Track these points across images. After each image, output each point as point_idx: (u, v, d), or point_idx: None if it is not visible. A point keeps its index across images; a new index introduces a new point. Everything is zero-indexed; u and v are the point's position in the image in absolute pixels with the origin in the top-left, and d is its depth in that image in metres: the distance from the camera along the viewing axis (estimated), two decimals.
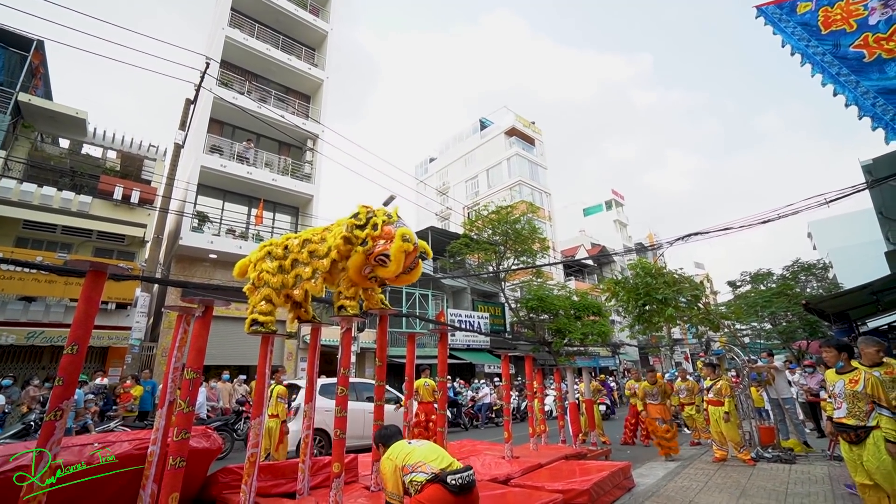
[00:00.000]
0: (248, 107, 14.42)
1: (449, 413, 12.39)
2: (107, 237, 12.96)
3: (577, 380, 10.51)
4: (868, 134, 4.52)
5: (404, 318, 18.64)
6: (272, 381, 7.95)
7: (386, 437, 2.89)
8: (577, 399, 8.70)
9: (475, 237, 20.91)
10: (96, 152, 14.64)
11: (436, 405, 6.60)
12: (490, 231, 20.56)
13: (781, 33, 5.00)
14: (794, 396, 7.92)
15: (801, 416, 8.16)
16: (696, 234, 8.20)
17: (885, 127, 4.46)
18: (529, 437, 6.67)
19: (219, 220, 14.39)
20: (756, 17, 5.21)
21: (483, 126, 35.96)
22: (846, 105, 4.62)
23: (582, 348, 22.35)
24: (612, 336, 26.96)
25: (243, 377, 11.44)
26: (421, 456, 2.61)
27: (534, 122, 35.13)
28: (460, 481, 2.42)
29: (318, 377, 6.45)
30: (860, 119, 4.67)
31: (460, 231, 22.70)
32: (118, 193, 12.48)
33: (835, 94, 4.78)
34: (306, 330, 14.45)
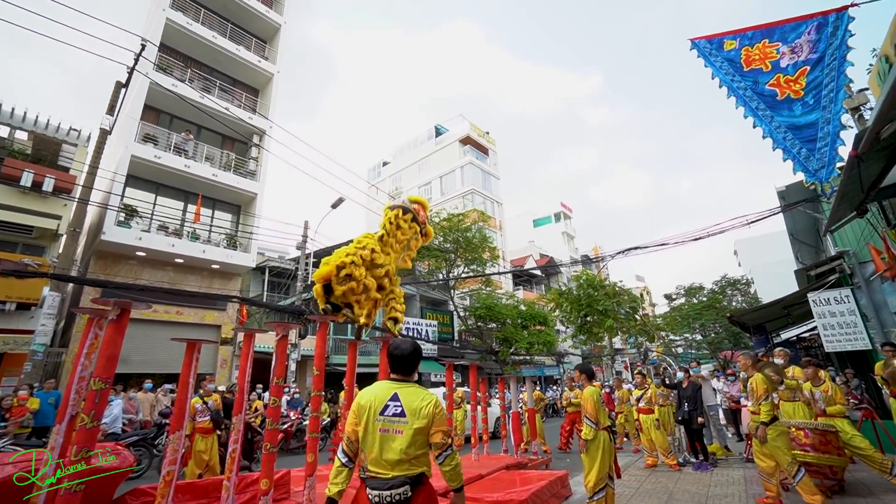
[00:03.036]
0: (188, 96, 13.57)
1: None
2: (10, 228, 11.60)
3: (521, 388, 10.73)
4: (782, 163, 5.06)
5: (349, 325, 18.23)
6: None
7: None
8: (521, 408, 8.88)
9: (426, 244, 20.99)
10: (2, 131, 13.12)
11: None
12: (441, 238, 20.64)
13: (711, 66, 5.49)
14: (719, 403, 8.57)
15: (724, 422, 8.84)
16: (636, 248, 8.74)
17: (793, 159, 5.01)
18: (472, 448, 6.69)
19: (150, 215, 13.37)
20: (690, 49, 5.68)
21: (438, 133, 36.29)
22: (763, 137, 5.14)
23: (528, 357, 22.92)
24: (557, 345, 27.94)
25: (169, 387, 10.61)
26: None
27: (488, 133, 35.94)
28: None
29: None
30: (774, 150, 5.22)
31: None
32: (26, 179, 11.24)
33: (754, 126, 5.31)
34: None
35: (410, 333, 19.76)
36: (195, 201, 14.14)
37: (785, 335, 12.86)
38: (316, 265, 20.93)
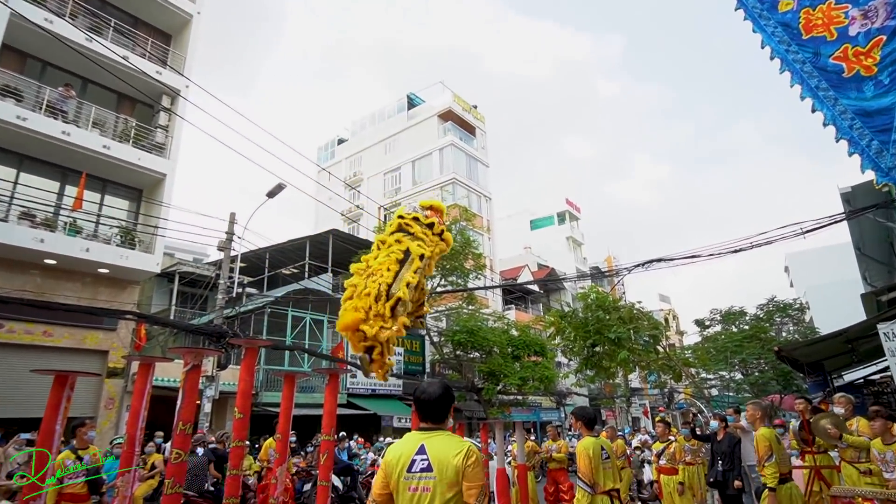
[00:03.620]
0: (69, 37, 13.10)
1: (339, 482, 12.00)
2: None
3: (509, 438, 10.69)
4: (847, 157, 5.22)
5: (287, 353, 17.99)
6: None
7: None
8: (509, 463, 8.85)
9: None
10: None
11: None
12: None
13: (761, 32, 5.64)
14: None
15: None
16: (659, 260, 8.89)
17: (861, 153, 5.18)
18: None
19: (8, 199, 12.81)
20: (735, 10, 5.82)
21: (412, 104, 36.38)
22: (824, 124, 5.29)
23: (520, 397, 23.04)
24: (558, 383, 28.23)
25: (27, 437, 10.00)
26: None
27: (475, 107, 36.27)
28: None
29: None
30: (837, 141, 5.38)
31: (373, 238, 22.47)
32: None
33: (813, 111, 5.46)
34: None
35: None
36: (77, 182, 13.60)
37: (848, 377, 13.27)
38: (246, 271, 20.56)
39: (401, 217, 4.67)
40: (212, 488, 9.50)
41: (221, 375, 14.57)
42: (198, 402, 14.15)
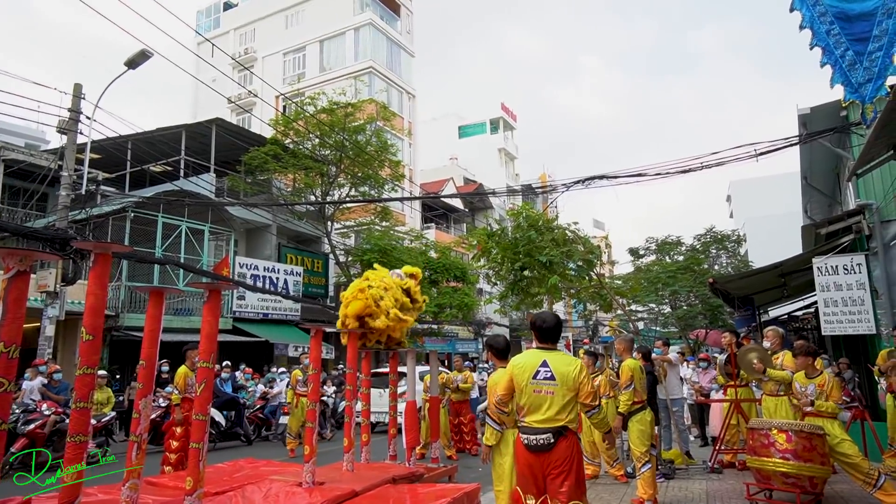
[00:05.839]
0: None
1: (220, 417, 11.99)
2: None
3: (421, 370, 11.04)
4: (816, 75, 5.39)
5: (157, 269, 17.18)
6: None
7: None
8: (420, 397, 9.16)
9: (291, 145, 20.19)
10: None
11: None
12: (317, 139, 19.88)
13: None
14: (685, 397, 9.63)
15: (688, 422, 10.00)
16: (601, 177, 9.11)
17: (834, 64, 5.35)
18: (343, 453, 6.78)
19: None
20: None
21: None
22: (801, 27, 5.38)
23: (435, 326, 23.72)
24: (477, 311, 29.32)
25: None
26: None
27: None
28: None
29: None
30: (811, 48, 5.52)
31: (268, 133, 21.54)
32: None
33: (791, 10, 5.54)
34: None
35: (260, 282, 19.26)
36: None
37: (774, 312, 14.76)
38: (100, 164, 18.85)
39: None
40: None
41: (69, 292, 13.93)
42: (37, 324, 13.38)
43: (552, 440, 3.69)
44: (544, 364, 3.79)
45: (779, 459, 5.82)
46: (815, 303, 10.08)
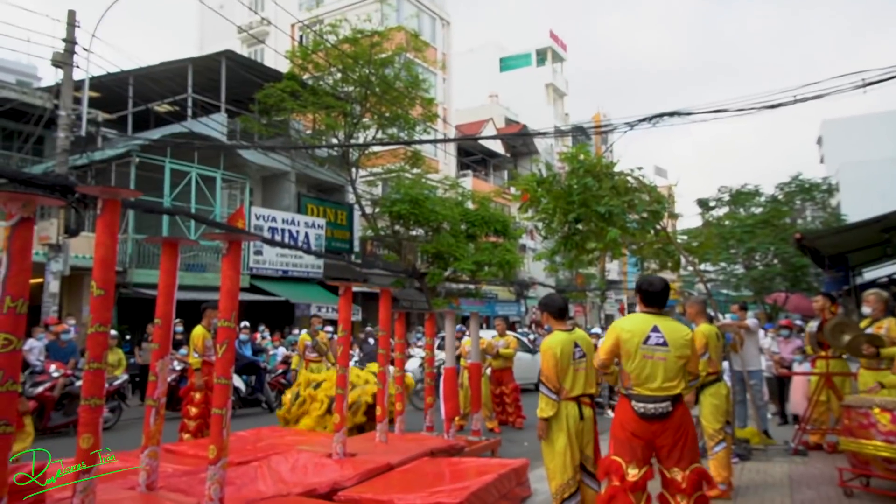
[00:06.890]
0: None
1: (240, 382, 12.11)
2: None
3: (464, 333, 10.88)
4: None
5: (166, 220, 17.31)
6: None
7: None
8: (459, 364, 9.03)
9: (310, 81, 20.09)
10: None
11: None
12: (339, 73, 19.65)
13: None
14: (763, 369, 9.29)
15: (766, 397, 9.69)
16: (673, 113, 8.61)
17: None
18: (377, 423, 6.77)
19: None
20: None
21: None
22: None
23: (472, 286, 23.60)
24: (521, 270, 29.04)
25: None
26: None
27: None
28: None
29: None
30: None
31: (283, 67, 21.29)
32: None
33: None
34: None
35: (277, 235, 19.34)
36: None
37: (871, 274, 13.98)
38: (99, 103, 18.83)
39: None
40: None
41: (73, 245, 14.14)
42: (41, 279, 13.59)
43: (670, 408, 3.96)
44: (655, 329, 4.00)
45: (881, 442, 5.52)
46: None
